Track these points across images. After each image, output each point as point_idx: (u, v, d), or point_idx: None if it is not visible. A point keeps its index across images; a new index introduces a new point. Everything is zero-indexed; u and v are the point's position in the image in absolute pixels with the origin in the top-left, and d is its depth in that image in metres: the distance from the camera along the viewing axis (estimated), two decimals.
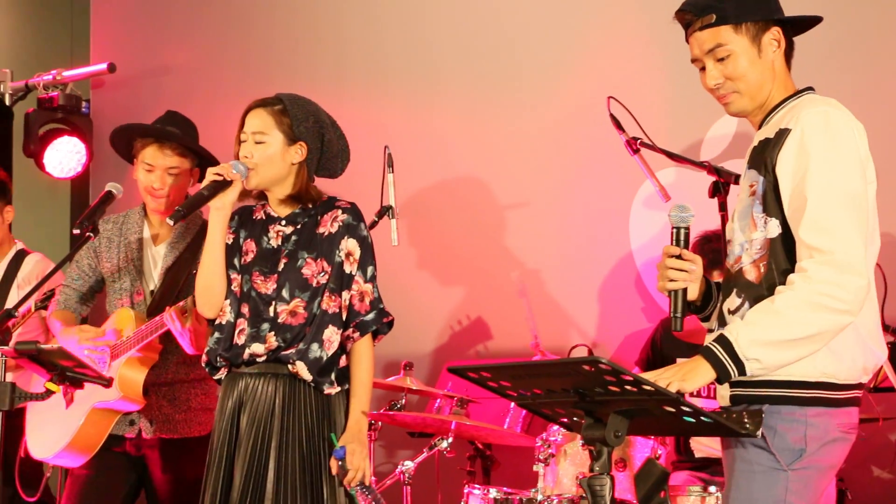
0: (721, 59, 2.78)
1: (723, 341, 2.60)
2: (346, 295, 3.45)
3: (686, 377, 2.57)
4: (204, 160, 4.12)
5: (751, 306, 2.68)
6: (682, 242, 2.78)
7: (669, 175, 4.63)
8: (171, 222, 3.40)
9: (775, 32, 2.79)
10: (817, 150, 2.62)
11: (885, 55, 4.55)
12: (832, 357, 2.63)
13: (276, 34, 5.98)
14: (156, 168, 4.05)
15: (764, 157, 2.71)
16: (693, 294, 2.82)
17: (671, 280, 2.76)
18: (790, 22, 2.82)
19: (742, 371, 2.58)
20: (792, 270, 2.63)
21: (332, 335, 3.43)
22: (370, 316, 3.46)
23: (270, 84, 4.16)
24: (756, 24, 2.77)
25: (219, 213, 3.44)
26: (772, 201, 2.68)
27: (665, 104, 4.85)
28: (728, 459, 2.75)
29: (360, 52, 5.72)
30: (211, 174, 3.41)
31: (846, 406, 2.68)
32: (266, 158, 3.44)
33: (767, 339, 2.58)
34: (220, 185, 3.40)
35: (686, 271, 2.76)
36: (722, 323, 2.77)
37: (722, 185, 3.78)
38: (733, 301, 2.74)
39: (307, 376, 3.40)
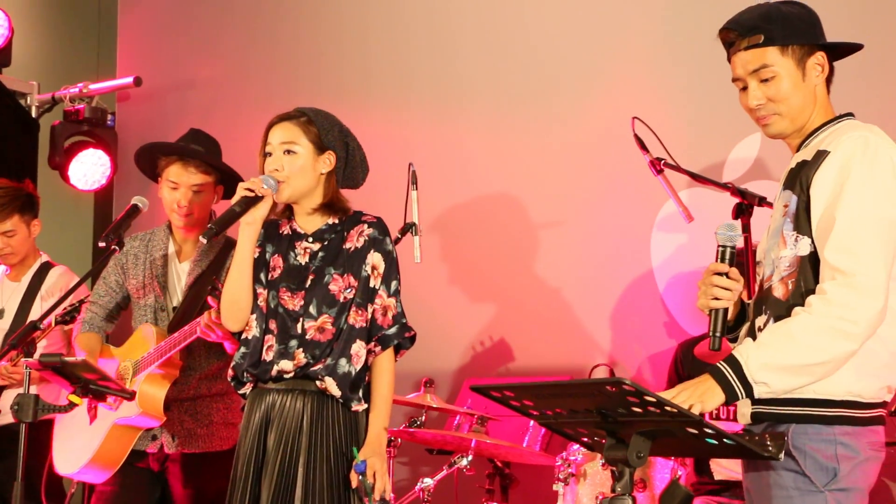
0: (765, 80, 2.76)
1: (732, 362, 2.60)
2: (369, 309, 3.45)
3: (703, 398, 2.57)
4: (227, 177, 4.14)
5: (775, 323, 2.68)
6: (727, 261, 2.76)
7: (692, 196, 4.62)
8: (204, 240, 3.40)
9: (819, 57, 2.77)
10: (853, 174, 2.61)
11: None
12: (857, 375, 2.62)
13: (300, 49, 6.01)
14: (180, 185, 4.07)
15: (800, 176, 2.70)
16: (729, 313, 2.81)
17: (715, 298, 2.75)
18: (834, 48, 2.80)
19: (749, 393, 2.58)
20: None
21: (359, 350, 3.41)
22: (392, 330, 3.45)
23: (295, 99, 4.18)
24: (802, 48, 2.75)
25: (249, 227, 3.43)
26: (804, 220, 2.68)
27: (688, 125, 4.86)
28: (756, 485, 2.73)
29: (386, 68, 5.74)
30: (241, 189, 3.40)
31: (873, 425, 2.67)
32: (297, 169, 3.44)
33: (778, 364, 2.57)
34: (252, 201, 3.39)
35: (731, 290, 2.75)
36: (753, 339, 2.75)
37: (745, 206, 3.78)
38: (762, 319, 2.74)
39: (336, 392, 3.38)
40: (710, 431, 2.36)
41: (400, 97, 5.68)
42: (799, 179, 2.70)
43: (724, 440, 2.39)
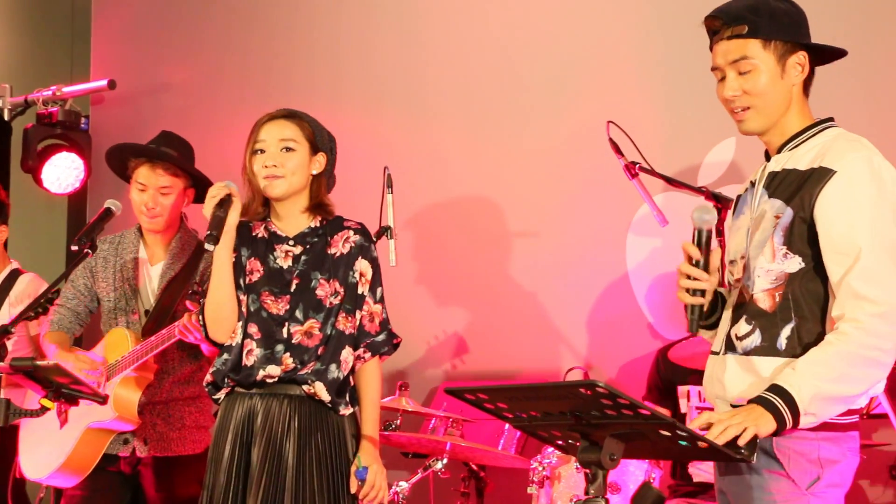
0: (743, 73, 2.73)
1: (781, 393, 2.55)
2: (357, 315, 3.43)
3: (758, 423, 2.53)
4: (197, 180, 4.13)
5: (762, 335, 2.68)
6: (703, 244, 2.76)
7: (667, 200, 4.64)
8: (211, 247, 3.29)
9: (801, 57, 2.75)
10: (867, 200, 2.61)
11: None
12: None
13: (274, 53, 6.00)
14: (148, 188, 4.05)
15: (799, 192, 2.68)
16: (706, 298, 2.81)
17: (692, 291, 2.76)
18: (817, 49, 2.78)
19: (796, 423, 2.56)
20: (813, 307, 2.64)
21: (347, 356, 3.39)
22: (381, 337, 3.43)
23: (269, 102, 4.15)
24: (785, 44, 2.73)
25: (225, 236, 3.36)
26: (799, 238, 2.67)
27: (663, 129, 4.87)
28: (736, 488, 2.72)
29: (359, 72, 5.74)
30: (209, 199, 3.33)
31: (852, 430, 2.69)
32: (297, 166, 3.40)
33: (826, 395, 2.56)
34: (227, 201, 3.34)
35: (703, 287, 2.75)
36: (730, 347, 2.75)
37: (719, 210, 3.80)
38: (742, 327, 2.72)
39: (326, 397, 3.34)
40: (682, 434, 2.37)
41: (373, 102, 5.67)
42: (797, 195, 2.68)
43: (697, 442, 2.40)
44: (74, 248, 3.79)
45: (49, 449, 3.95)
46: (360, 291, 3.43)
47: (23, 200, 6.09)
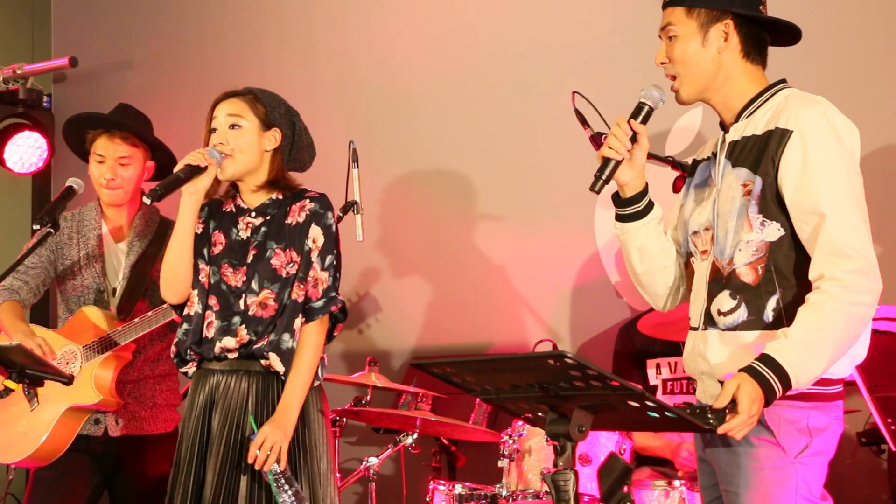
0: (671, 40, 2.79)
1: (778, 371, 2.54)
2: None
3: (761, 405, 2.54)
4: (158, 152, 4.08)
5: (748, 309, 2.68)
6: (640, 117, 2.81)
7: None
8: (148, 201, 3.28)
9: (725, 25, 2.76)
10: (827, 155, 2.61)
11: (854, 56, 4.57)
12: None
13: (242, 29, 5.95)
14: (107, 159, 4.00)
15: (762, 158, 2.68)
16: (626, 178, 2.85)
17: (609, 147, 2.79)
18: (752, 19, 2.77)
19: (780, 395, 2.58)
20: (796, 276, 2.65)
21: (300, 324, 3.38)
22: (319, 303, 3.39)
23: (235, 79, 4.12)
24: (710, 13, 2.75)
25: (191, 197, 3.38)
26: (772, 204, 2.67)
27: (629, 98, 4.84)
28: (724, 457, 2.72)
29: (329, 46, 5.70)
30: (185, 158, 3.35)
31: (837, 400, 2.71)
32: (243, 144, 3.41)
33: (818, 373, 2.59)
34: (195, 170, 3.34)
35: (623, 145, 2.78)
36: (710, 322, 2.75)
37: (686, 179, 3.78)
38: (726, 302, 2.72)
39: (280, 368, 3.34)
40: (651, 405, 2.36)
41: (342, 75, 5.64)
42: (760, 161, 2.67)
43: (666, 413, 2.39)
44: (36, 227, 3.75)
45: (21, 430, 3.88)
46: (311, 259, 3.41)
47: None
